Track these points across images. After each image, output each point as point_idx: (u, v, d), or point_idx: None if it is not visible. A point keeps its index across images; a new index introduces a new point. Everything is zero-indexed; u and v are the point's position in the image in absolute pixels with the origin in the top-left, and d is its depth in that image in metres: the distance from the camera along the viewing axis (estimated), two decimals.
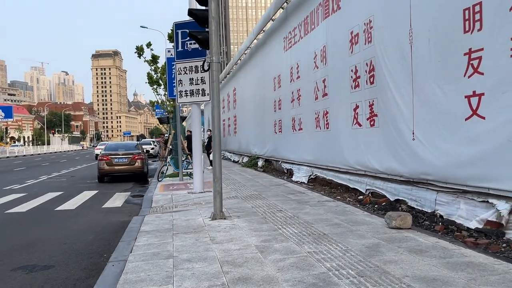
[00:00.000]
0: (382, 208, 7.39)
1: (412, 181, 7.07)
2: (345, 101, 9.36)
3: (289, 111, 13.74)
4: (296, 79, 12.96)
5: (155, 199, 10.25)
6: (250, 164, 19.09)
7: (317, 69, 11.03)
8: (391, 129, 7.54)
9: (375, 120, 8.14)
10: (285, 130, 14.32)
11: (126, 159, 16.18)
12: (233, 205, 8.40)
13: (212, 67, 7.13)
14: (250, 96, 20.36)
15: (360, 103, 8.72)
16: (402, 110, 7.16)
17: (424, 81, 6.58)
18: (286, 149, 14.28)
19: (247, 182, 12.72)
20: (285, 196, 9.44)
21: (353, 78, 8.96)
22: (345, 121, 9.39)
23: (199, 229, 6.30)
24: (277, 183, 12.00)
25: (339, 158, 9.79)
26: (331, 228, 5.99)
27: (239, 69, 23.29)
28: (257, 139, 18.72)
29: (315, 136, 11.38)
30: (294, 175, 12.99)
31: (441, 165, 6.27)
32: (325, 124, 10.64)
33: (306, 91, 11.99)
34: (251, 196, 9.57)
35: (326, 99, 10.49)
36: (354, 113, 8.99)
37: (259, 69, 18.17)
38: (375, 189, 8.29)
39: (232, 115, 25.88)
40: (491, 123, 5.34)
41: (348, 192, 9.48)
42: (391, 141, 7.57)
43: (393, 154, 7.51)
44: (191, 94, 10.73)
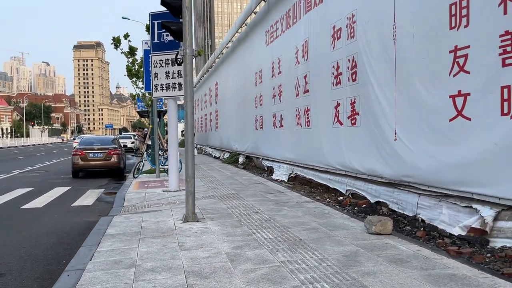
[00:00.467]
0: (362, 211, 7.10)
1: (394, 183, 6.80)
2: (326, 98, 9.05)
3: (270, 107, 13.39)
4: (277, 74, 12.60)
5: (128, 197, 9.80)
6: (231, 161, 18.72)
7: (299, 64, 10.69)
8: (373, 129, 7.25)
9: (356, 118, 7.84)
10: (266, 127, 13.97)
11: (102, 154, 15.61)
12: (208, 206, 8.02)
13: (185, 60, 6.72)
14: (231, 91, 19.95)
15: (341, 101, 8.41)
16: (385, 108, 6.87)
17: (408, 79, 6.29)
18: (266, 146, 13.94)
19: (226, 180, 12.34)
20: (263, 196, 9.10)
21: (335, 75, 8.65)
22: (326, 119, 9.09)
23: (168, 233, 5.91)
24: (257, 182, 11.66)
25: (320, 157, 9.49)
26: (308, 233, 5.67)
27: (221, 63, 22.83)
28: (238, 135, 18.35)
29: (296, 133, 11.06)
30: (274, 173, 12.67)
31: (423, 167, 6.00)
32: (306, 122, 10.32)
33: (288, 87, 11.64)
34: (228, 196, 9.21)
35: (307, 96, 10.16)
36: (335, 111, 8.68)
37: (241, 64, 17.76)
38: (355, 190, 8.01)
39: (214, 110, 25.43)
40: (476, 125, 5.07)
41: (328, 192, 9.19)
42: (373, 141, 7.28)
43: (375, 154, 7.23)
44: (167, 88, 10.29)
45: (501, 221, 4.79)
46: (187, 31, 6.66)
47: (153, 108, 14.31)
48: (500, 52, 4.70)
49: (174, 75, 10.21)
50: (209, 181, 12.00)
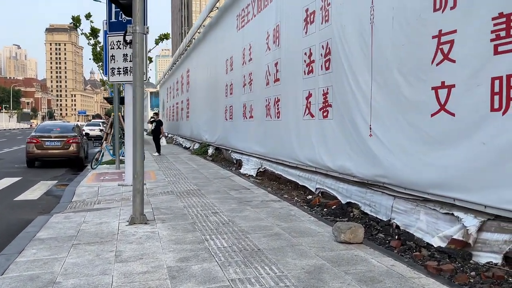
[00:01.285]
0: (331, 213, 6.44)
1: (367, 183, 6.15)
2: (298, 88, 8.33)
3: (241, 96, 12.61)
4: (248, 61, 11.81)
5: (78, 191, 8.90)
6: (200, 152, 17.87)
7: (269, 51, 9.93)
8: (346, 122, 6.57)
9: (328, 111, 7.15)
10: (236, 117, 13.19)
11: (59, 142, 14.53)
12: (163, 204, 7.23)
13: (135, 39, 5.87)
14: (202, 78, 19.04)
15: (313, 91, 7.70)
16: (359, 101, 6.19)
17: (385, 68, 5.61)
18: (236, 138, 13.17)
19: (191, 173, 11.54)
20: (227, 192, 8.35)
21: (307, 63, 7.92)
22: (297, 110, 8.38)
23: (107, 238, 5.10)
24: (223, 176, 10.90)
25: (289, 152, 8.79)
26: (269, 240, 4.96)
27: (193, 49, 21.84)
28: (208, 125, 17.51)
29: (266, 125, 10.32)
30: (243, 167, 11.93)
31: (400, 167, 5.35)
32: (276, 113, 9.59)
33: (258, 76, 10.88)
34: (189, 192, 8.42)
35: (278, 85, 9.42)
36: (306, 102, 7.97)
37: (212, 50, 16.87)
38: (325, 189, 7.35)
39: (185, 98, 24.45)
40: (461, 121, 4.43)
41: (297, 189, 8.51)
42: (346, 136, 6.61)
43: (347, 150, 6.57)
44: (124, 72, 9.37)
45: (487, 232, 4.19)
46: (137, 5, 5.79)
47: (115, 94, 13.28)
48: (492, 38, 4.05)
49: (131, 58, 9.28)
50: (172, 175, 11.17)
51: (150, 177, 10.66)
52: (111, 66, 9.43)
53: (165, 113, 38.49)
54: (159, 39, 13.90)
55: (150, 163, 14.18)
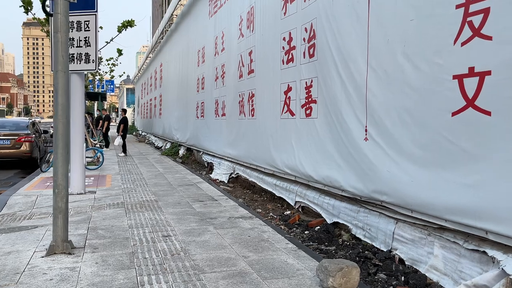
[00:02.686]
0: (314, 237, 5.10)
1: (360, 199, 4.83)
2: (275, 80, 6.98)
3: (212, 91, 11.19)
4: (220, 51, 10.40)
5: (11, 201, 7.36)
6: (170, 153, 16.39)
7: (243, 38, 8.55)
8: (334, 123, 5.24)
9: (312, 108, 5.81)
10: (208, 115, 11.78)
11: (9, 141, 12.85)
12: (105, 222, 5.78)
13: (56, 8, 4.41)
14: (175, 72, 17.54)
15: (293, 84, 6.36)
16: (351, 95, 4.87)
17: (386, 50, 4.30)
18: (207, 138, 11.75)
19: (153, 178, 10.07)
20: (189, 205, 6.94)
21: (286, 50, 6.57)
22: (274, 107, 7.03)
23: (4, 281, 3.65)
24: (190, 182, 9.47)
25: (265, 156, 7.44)
26: (229, 284, 3.58)
27: (166, 41, 20.30)
28: (180, 124, 16.04)
29: (239, 124, 8.94)
30: (214, 171, 10.53)
31: (406, 181, 4.05)
32: (250, 110, 8.22)
33: (231, 67, 9.49)
34: (143, 204, 6.98)
35: (252, 78, 8.05)
36: (285, 97, 6.63)
37: (184, 41, 15.39)
38: (307, 203, 6.01)
39: (158, 94, 22.89)
40: (500, 123, 3.14)
41: (273, 201, 7.17)
42: (333, 140, 5.28)
43: (335, 157, 5.24)
44: (70, 59, 7.85)
45: None
46: None
47: None
48: None
49: (80, 43, 7.80)
50: (131, 180, 9.68)
51: (103, 183, 9.16)
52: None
53: (140, 110, 36.76)
54: (122, 26, 12.37)
55: (111, 165, 12.65)
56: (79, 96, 7.95)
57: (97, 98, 24.64)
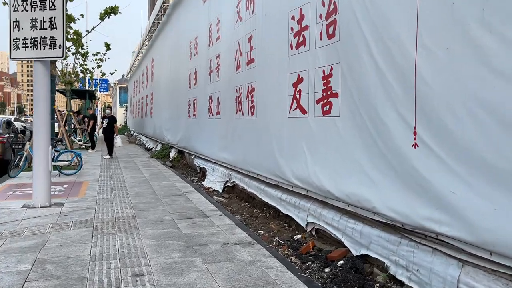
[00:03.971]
0: (338, 278, 3.75)
1: (402, 227, 3.52)
2: (280, 70, 5.65)
3: (206, 87, 9.86)
4: (215, 40, 9.06)
5: None
6: (161, 155, 15.02)
7: (241, 21, 7.22)
8: (365, 123, 3.92)
9: (332, 104, 4.49)
10: (200, 114, 10.44)
11: None
12: (61, 251, 4.42)
13: None
14: (166, 68, 16.18)
15: (305, 74, 5.03)
16: (392, 86, 3.55)
17: (450, 19, 2.98)
18: (199, 140, 10.41)
19: (137, 186, 8.71)
20: (174, 224, 5.60)
21: (295, 31, 5.25)
22: (279, 103, 5.70)
23: None
24: (178, 191, 8.12)
25: (268, 163, 6.11)
26: None
27: (157, 35, 18.91)
28: (171, 123, 14.69)
29: (235, 124, 7.61)
30: (207, 178, 9.18)
31: (483, 208, 2.74)
32: (249, 108, 6.89)
33: (227, 58, 8.16)
34: (117, 222, 5.63)
35: (252, 68, 6.73)
36: (294, 90, 5.30)
37: (175, 33, 14.04)
38: (323, 226, 4.68)
39: (150, 92, 21.50)
40: None
41: (279, 219, 5.84)
42: (364, 145, 3.96)
43: (366, 169, 3.92)
44: (33, 44, 6.51)
45: None
46: None
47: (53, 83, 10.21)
48: None
49: (44, 25, 6.44)
50: (110, 189, 8.32)
51: (76, 193, 7.79)
52: (15, 36, 6.55)
53: (132, 109, 35.33)
54: (105, 13, 11.03)
55: (92, 169, 11.28)
56: (43, 89, 6.58)
57: (85, 96, 23.22)
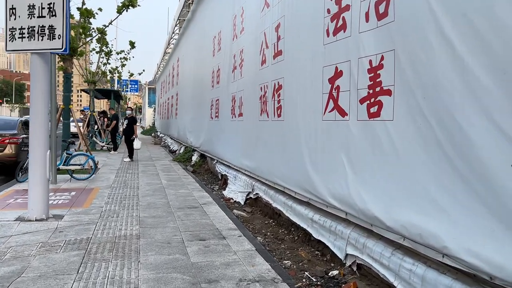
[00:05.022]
0: None
1: (490, 281, 2.43)
2: (313, 62, 4.62)
3: (229, 86, 8.91)
4: (240, 33, 8.10)
5: None
6: (183, 158, 14.19)
7: (267, 9, 6.22)
8: (433, 130, 2.85)
9: (383, 104, 3.43)
10: (223, 115, 9.50)
11: None
12: (37, 283, 3.53)
13: None
14: (189, 67, 15.39)
15: (345, 66, 3.99)
16: (479, 80, 2.46)
17: None
18: (221, 144, 9.48)
19: (150, 195, 7.85)
20: (182, 248, 4.66)
21: (333, 13, 4.21)
22: (311, 103, 4.67)
23: None
24: (195, 203, 7.20)
25: (297, 175, 5.09)
26: None
27: (182, 33, 18.17)
28: (194, 125, 13.84)
29: (259, 128, 6.62)
30: (228, 187, 8.23)
31: None
32: (275, 109, 5.88)
33: (251, 52, 7.18)
34: (116, 244, 4.74)
35: (280, 62, 5.71)
36: (330, 87, 4.26)
37: (199, 29, 13.20)
38: (368, 262, 3.62)
39: (175, 92, 20.79)
40: None
41: (309, 244, 4.81)
42: (431, 161, 2.88)
43: (435, 195, 2.85)
44: (30, 35, 5.71)
45: None
46: None
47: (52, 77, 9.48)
48: None
49: (42, 12, 5.64)
50: (120, 198, 7.47)
51: (82, 202, 6.98)
52: (11, 25, 5.78)
53: (159, 110, 34.93)
54: (122, 6, 10.28)
55: (108, 174, 10.54)
56: (40, 86, 5.77)
57: (109, 96, 22.76)
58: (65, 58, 10.44)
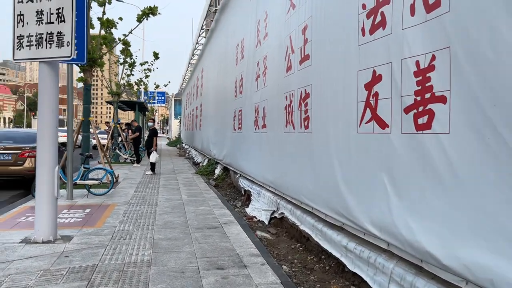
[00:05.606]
0: None
1: None
2: (346, 66, 4.03)
3: (252, 95, 8.39)
4: (263, 39, 7.58)
5: None
6: (206, 171, 13.72)
7: (293, 10, 5.67)
8: (508, 148, 2.19)
9: (434, 113, 2.80)
10: (246, 127, 8.97)
11: (10, 156, 10.68)
12: None
13: None
14: (213, 77, 14.99)
15: (385, 69, 3.37)
16: None
17: None
18: (244, 157, 8.94)
19: (169, 212, 7.35)
20: (197, 279, 4.09)
21: (370, 8, 3.63)
22: (344, 113, 4.06)
23: None
24: (215, 222, 6.65)
25: (328, 195, 4.47)
26: None
27: (206, 43, 17.87)
28: (217, 137, 13.37)
29: (285, 141, 6.03)
30: (251, 205, 7.66)
31: None
32: (302, 120, 5.29)
33: (275, 57, 6.64)
34: (123, 274, 4.22)
35: (307, 68, 5.13)
36: (367, 94, 3.65)
37: (222, 38, 12.79)
38: None
39: (199, 103, 20.47)
40: None
41: (343, 276, 4.16)
42: (508, 186, 2.22)
43: (510, 227, 2.18)
44: (38, 42, 5.32)
45: None
46: None
47: (69, 87, 9.17)
48: None
49: (51, 17, 5.25)
50: (136, 215, 7.00)
51: (95, 221, 6.53)
52: (19, 33, 5.43)
53: (184, 121, 34.84)
54: (143, 15, 9.96)
55: (128, 188, 10.15)
56: (49, 97, 5.37)
57: (134, 107, 22.63)
58: (84, 69, 10.16)
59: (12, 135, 11.64)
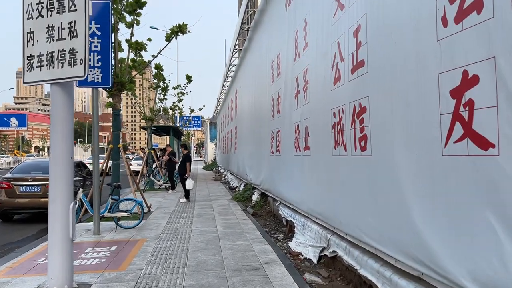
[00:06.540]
0: None
1: None
2: (420, 69, 3.10)
3: (292, 114, 7.53)
4: (303, 50, 6.76)
5: None
6: (243, 197, 12.86)
7: (342, 11, 4.81)
8: None
9: None
10: (285, 149, 8.09)
11: (39, 187, 10.24)
12: None
13: None
14: (247, 98, 14.30)
15: (483, 68, 2.43)
16: None
17: None
18: (284, 183, 8.04)
19: (202, 249, 6.50)
20: None
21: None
22: (419, 130, 3.11)
23: None
24: (255, 261, 5.73)
25: (398, 234, 3.49)
26: None
27: (239, 64, 17.30)
28: (253, 160, 12.56)
29: (334, 165, 5.10)
30: (295, 238, 6.71)
31: None
32: (356, 140, 4.36)
33: (317, 70, 5.78)
34: None
35: (362, 76, 4.23)
36: (454, 104, 2.70)
37: (256, 57, 12.10)
38: None
39: (234, 126, 19.83)
40: None
41: None
42: None
43: None
44: (49, 62, 4.70)
45: None
46: None
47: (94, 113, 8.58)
48: None
49: (62, 33, 4.62)
50: (166, 253, 6.20)
51: (119, 263, 5.76)
52: (29, 53, 4.83)
53: (220, 144, 34.39)
54: (171, 33, 9.40)
55: (160, 218, 9.44)
56: (62, 124, 4.70)
57: (169, 132, 22.27)
58: (113, 94, 9.64)
59: (44, 166, 11.20)
